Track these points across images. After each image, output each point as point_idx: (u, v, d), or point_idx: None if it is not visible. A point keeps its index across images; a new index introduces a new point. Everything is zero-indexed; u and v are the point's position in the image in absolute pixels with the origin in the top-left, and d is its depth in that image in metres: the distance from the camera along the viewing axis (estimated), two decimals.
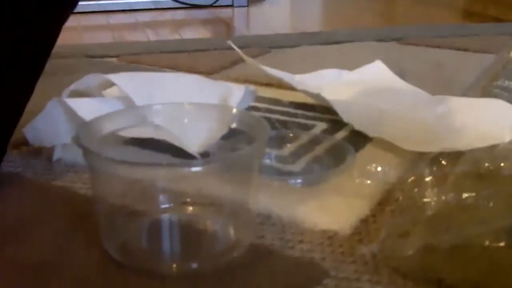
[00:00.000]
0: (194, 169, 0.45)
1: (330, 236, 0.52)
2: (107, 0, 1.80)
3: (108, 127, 0.52)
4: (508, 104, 0.81)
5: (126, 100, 0.68)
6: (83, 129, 0.50)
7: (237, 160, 0.47)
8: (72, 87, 0.71)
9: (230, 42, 0.89)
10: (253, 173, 0.50)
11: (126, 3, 1.82)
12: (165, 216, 0.54)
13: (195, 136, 0.62)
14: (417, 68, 1.08)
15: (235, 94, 0.75)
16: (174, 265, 0.48)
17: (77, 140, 0.48)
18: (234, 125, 0.54)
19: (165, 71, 1.04)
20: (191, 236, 0.52)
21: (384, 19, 1.81)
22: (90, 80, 0.72)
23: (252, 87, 0.83)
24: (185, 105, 0.55)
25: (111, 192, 0.50)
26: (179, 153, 0.63)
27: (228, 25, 1.67)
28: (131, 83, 0.70)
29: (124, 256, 0.49)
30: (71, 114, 0.65)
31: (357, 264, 0.48)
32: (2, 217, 0.57)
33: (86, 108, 0.64)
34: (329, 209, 0.57)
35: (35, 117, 0.66)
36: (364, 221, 0.55)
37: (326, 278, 0.47)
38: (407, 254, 0.48)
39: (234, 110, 0.56)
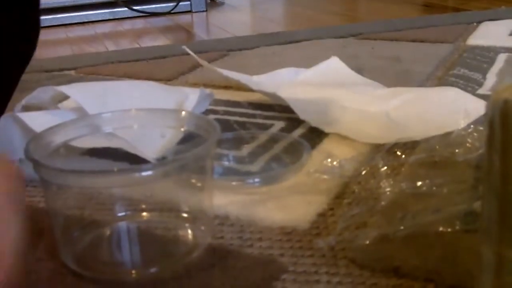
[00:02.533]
0: (145, 173, 0.45)
1: (288, 232, 0.53)
2: (65, 14, 1.78)
3: (58, 138, 0.52)
4: (462, 91, 0.82)
5: (80, 111, 0.68)
6: (32, 142, 0.50)
7: (187, 162, 0.47)
8: (24, 101, 0.70)
9: (185, 47, 0.89)
10: (206, 174, 0.50)
11: (83, 15, 1.80)
12: (122, 224, 0.53)
13: (151, 142, 0.62)
14: (375, 61, 1.08)
15: (190, 98, 0.75)
16: (134, 272, 0.48)
17: (26, 154, 0.47)
18: (184, 128, 0.54)
19: (123, 80, 1.03)
20: (149, 242, 0.51)
21: (346, 19, 1.82)
22: (42, 93, 0.72)
23: (208, 90, 0.83)
24: (133, 111, 0.55)
25: (65, 204, 0.50)
26: (137, 161, 0.62)
27: (187, 31, 1.66)
28: (84, 93, 0.70)
29: (83, 267, 0.49)
30: (25, 128, 0.64)
31: (314, 257, 0.49)
32: None
33: (38, 121, 0.63)
34: (287, 206, 0.57)
35: None
36: (321, 215, 0.55)
37: (284, 273, 0.47)
38: (363, 245, 0.48)
39: (183, 113, 0.55)
